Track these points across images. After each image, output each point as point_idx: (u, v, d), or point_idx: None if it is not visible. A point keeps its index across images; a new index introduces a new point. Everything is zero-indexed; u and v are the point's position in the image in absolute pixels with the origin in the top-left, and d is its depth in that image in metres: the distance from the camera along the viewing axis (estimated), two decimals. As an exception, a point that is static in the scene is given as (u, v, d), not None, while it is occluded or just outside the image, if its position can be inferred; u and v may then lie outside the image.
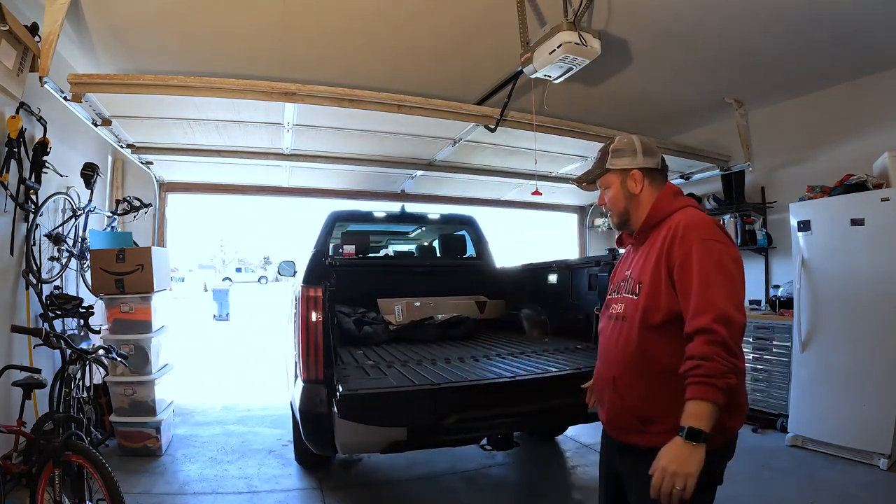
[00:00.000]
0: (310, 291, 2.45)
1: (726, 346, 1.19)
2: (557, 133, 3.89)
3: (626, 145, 1.51)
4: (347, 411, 2.10)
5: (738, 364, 1.21)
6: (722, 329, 1.20)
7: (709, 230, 1.35)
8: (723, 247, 1.33)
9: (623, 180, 1.49)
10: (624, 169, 1.49)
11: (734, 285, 1.31)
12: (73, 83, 2.80)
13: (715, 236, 1.34)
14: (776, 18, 3.13)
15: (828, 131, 4.31)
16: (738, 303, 1.28)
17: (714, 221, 1.41)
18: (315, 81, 3.25)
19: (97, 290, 3.47)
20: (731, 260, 1.33)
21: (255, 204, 69.14)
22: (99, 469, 1.98)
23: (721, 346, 1.19)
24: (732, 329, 1.22)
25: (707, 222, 1.38)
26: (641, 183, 1.48)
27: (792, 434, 3.70)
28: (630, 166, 1.49)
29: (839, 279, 3.51)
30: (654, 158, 1.50)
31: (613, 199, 1.52)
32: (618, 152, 1.51)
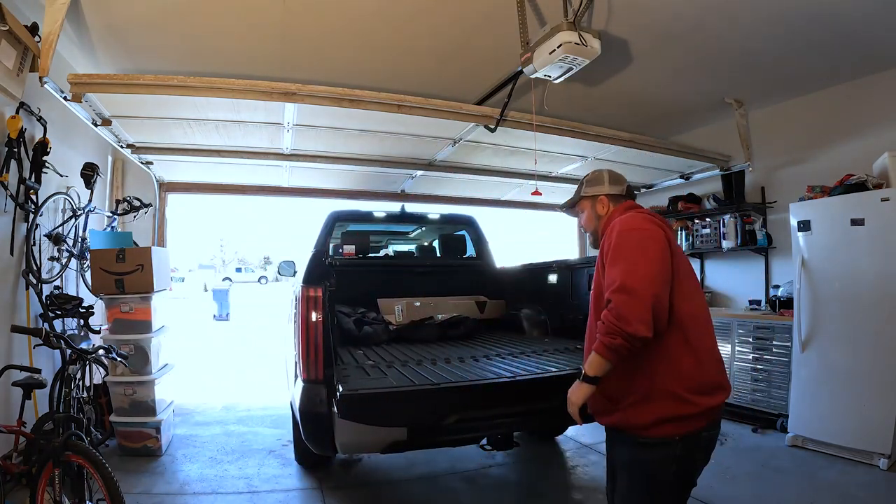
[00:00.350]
0: (310, 291, 2.45)
1: (617, 311, 1.40)
2: (557, 133, 3.89)
3: (596, 177, 1.83)
4: (347, 411, 2.10)
5: (625, 328, 1.37)
6: (617, 297, 1.41)
7: (627, 223, 1.58)
8: (634, 233, 1.53)
9: (593, 204, 1.80)
10: (594, 195, 1.80)
11: (640, 260, 1.45)
12: (73, 83, 2.80)
13: (631, 226, 1.56)
14: (776, 18, 3.13)
15: (828, 131, 4.31)
16: (643, 275, 1.42)
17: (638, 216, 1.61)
18: (315, 81, 3.25)
19: (97, 290, 3.47)
20: (638, 240, 1.50)
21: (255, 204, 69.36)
22: (99, 469, 1.98)
23: (612, 312, 1.41)
24: (630, 296, 1.39)
25: (630, 219, 1.61)
26: (607, 206, 1.77)
27: (792, 434, 3.70)
28: (598, 193, 1.79)
29: (839, 279, 3.51)
30: (619, 186, 1.79)
31: (587, 220, 1.85)
32: (590, 182, 1.83)
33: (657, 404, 1.44)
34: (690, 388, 1.44)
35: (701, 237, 5.22)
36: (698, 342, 1.50)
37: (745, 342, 4.32)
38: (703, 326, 1.55)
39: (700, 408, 1.43)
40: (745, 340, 4.32)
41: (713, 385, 1.49)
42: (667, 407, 1.44)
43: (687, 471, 1.50)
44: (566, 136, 3.95)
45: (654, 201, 6.08)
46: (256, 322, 13.92)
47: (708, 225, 5.16)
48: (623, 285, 1.41)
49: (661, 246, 1.50)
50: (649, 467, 1.48)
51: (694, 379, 1.45)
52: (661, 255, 1.48)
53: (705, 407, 1.44)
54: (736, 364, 4.37)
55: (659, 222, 1.59)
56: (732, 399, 4.38)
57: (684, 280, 1.53)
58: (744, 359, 4.32)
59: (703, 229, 5.19)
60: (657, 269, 1.45)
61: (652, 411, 1.44)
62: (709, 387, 1.48)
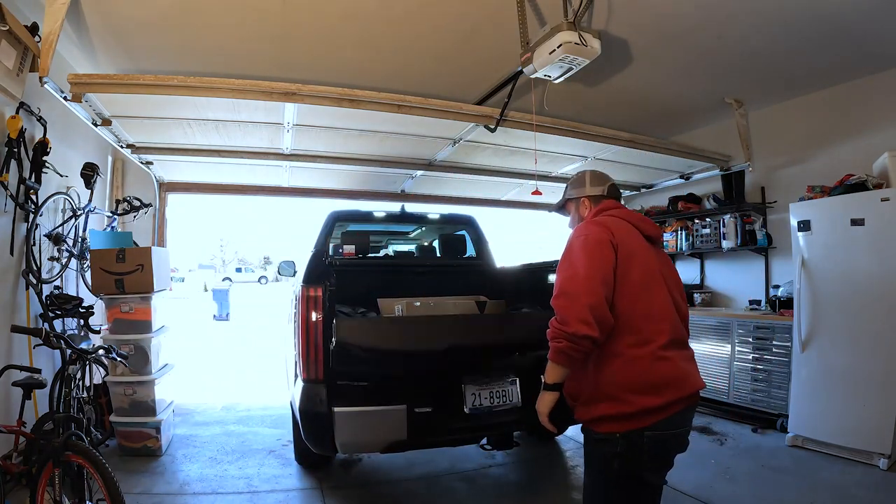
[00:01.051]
0: (310, 291, 2.45)
1: (558, 315, 1.49)
2: (557, 133, 3.89)
3: (579, 179, 1.89)
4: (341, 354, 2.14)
5: (566, 329, 1.44)
6: (556, 303, 1.51)
7: (578, 230, 1.66)
8: (578, 240, 1.59)
9: (577, 206, 1.87)
10: (577, 198, 1.87)
11: (576, 266, 1.52)
12: (73, 83, 2.80)
13: (578, 233, 1.63)
14: (776, 18, 3.13)
15: (828, 131, 4.31)
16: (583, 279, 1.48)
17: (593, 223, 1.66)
18: (315, 81, 3.25)
19: (97, 290, 3.47)
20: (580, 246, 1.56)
21: (255, 204, 69.35)
22: (99, 469, 1.98)
23: (557, 317, 1.49)
24: (568, 300, 1.47)
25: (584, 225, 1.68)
26: (588, 207, 1.83)
27: (792, 434, 3.70)
28: (580, 195, 1.85)
29: (839, 279, 3.51)
30: (600, 187, 1.84)
31: (572, 221, 1.91)
32: (573, 184, 1.90)
33: (600, 404, 1.51)
34: (628, 388, 1.47)
35: (701, 237, 5.22)
36: (649, 342, 1.51)
37: (745, 342, 4.32)
38: (658, 324, 1.54)
39: (635, 407, 1.46)
40: (745, 340, 4.32)
41: (659, 384, 1.48)
42: (606, 406, 1.50)
43: (632, 468, 1.50)
44: (566, 136, 3.95)
45: (654, 201, 6.08)
46: (256, 322, 13.93)
47: (708, 225, 5.16)
48: (562, 290, 1.50)
49: (602, 248, 1.54)
50: (597, 462, 1.58)
51: (635, 379, 1.48)
52: (599, 256, 1.52)
53: (641, 407, 1.46)
54: (736, 364, 4.38)
55: (612, 224, 1.63)
56: (732, 399, 4.39)
57: (637, 279, 1.55)
58: (744, 359, 4.32)
59: (703, 229, 5.19)
60: (594, 271, 1.49)
61: (596, 409, 1.52)
62: (650, 386, 1.47)
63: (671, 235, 5.61)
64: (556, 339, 1.47)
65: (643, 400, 1.46)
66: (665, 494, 3.01)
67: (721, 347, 4.52)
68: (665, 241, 5.70)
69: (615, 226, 1.63)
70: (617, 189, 1.88)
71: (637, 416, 1.46)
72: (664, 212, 5.83)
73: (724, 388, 4.47)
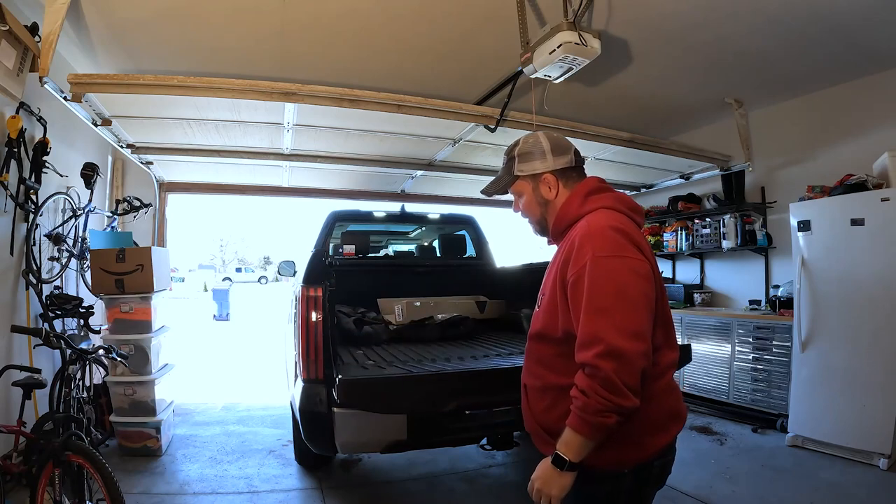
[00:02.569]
0: (310, 291, 2.45)
1: (608, 382, 1.07)
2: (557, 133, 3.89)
3: (532, 146, 1.38)
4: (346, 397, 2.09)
5: (622, 403, 1.08)
6: (606, 364, 1.08)
7: (606, 243, 1.18)
8: (620, 262, 1.16)
9: (535, 186, 1.37)
10: (535, 174, 1.37)
11: (629, 309, 1.12)
12: (73, 83, 2.79)
13: (613, 250, 1.17)
14: (777, 18, 3.13)
15: (828, 131, 4.31)
16: (634, 330, 1.11)
17: (618, 229, 1.21)
18: (315, 81, 3.24)
19: (97, 290, 3.47)
20: (629, 278, 1.15)
21: (255, 204, 69.31)
22: (99, 469, 1.98)
23: (602, 383, 1.08)
24: (621, 363, 1.08)
25: (605, 233, 1.20)
26: (556, 187, 1.36)
27: (792, 434, 3.70)
28: (541, 170, 1.36)
29: (839, 279, 3.51)
30: (565, 156, 1.36)
31: (528, 206, 1.41)
32: (525, 156, 1.38)
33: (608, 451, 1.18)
34: (644, 431, 1.22)
35: (701, 237, 5.22)
36: (665, 373, 1.27)
37: (745, 342, 4.32)
38: (671, 351, 1.30)
39: (652, 450, 1.24)
40: (745, 340, 4.32)
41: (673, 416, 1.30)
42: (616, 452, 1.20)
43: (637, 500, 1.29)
44: (566, 135, 3.94)
45: (654, 201, 6.08)
46: (256, 322, 13.93)
47: (708, 225, 5.16)
48: (611, 348, 1.08)
49: (648, 281, 1.19)
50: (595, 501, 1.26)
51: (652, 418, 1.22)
52: (649, 293, 1.18)
53: (658, 449, 1.24)
54: (736, 364, 4.38)
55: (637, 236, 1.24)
56: (732, 399, 4.39)
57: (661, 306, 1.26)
58: (744, 359, 4.32)
59: (703, 229, 5.19)
60: (645, 317, 1.15)
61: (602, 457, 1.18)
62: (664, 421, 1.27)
63: (671, 235, 5.61)
64: (603, 413, 1.08)
65: (658, 440, 1.24)
66: (665, 494, 3.03)
67: (721, 347, 4.52)
68: (665, 241, 5.71)
69: (637, 233, 1.26)
70: (581, 156, 1.43)
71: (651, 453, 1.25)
72: (664, 212, 5.83)
73: (724, 388, 4.48)
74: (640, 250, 1.20)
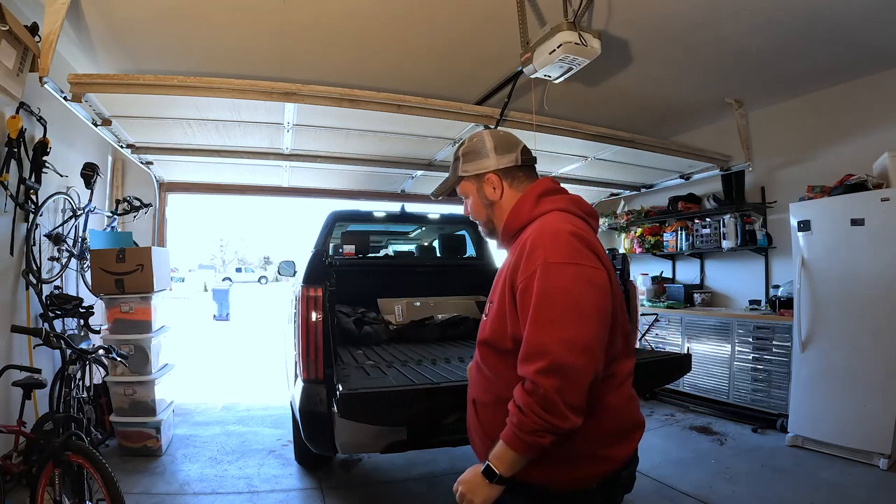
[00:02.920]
0: (310, 291, 2.45)
1: (547, 402, 0.99)
2: (557, 133, 3.89)
3: (475, 145, 1.32)
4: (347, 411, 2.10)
5: (559, 424, 0.99)
6: (546, 382, 0.99)
7: (559, 248, 1.09)
8: (574, 270, 1.06)
9: (479, 187, 1.31)
10: (478, 174, 1.31)
11: (580, 322, 1.03)
12: (73, 83, 2.79)
13: (567, 256, 1.08)
14: (777, 18, 3.13)
15: (828, 131, 4.31)
16: (584, 345, 1.01)
17: (573, 233, 1.12)
18: (315, 81, 3.25)
19: (97, 290, 3.47)
20: (583, 287, 1.06)
21: (255, 204, 69.30)
22: (99, 469, 1.98)
23: (539, 401, 0.99)
24: (566, 380, 0.99)
25: (559, 237, 1.11)
26: (500, 187, 1.29)
27: (792, 434, 3.70)
28: (484, 170, 1.30)
29: (839, 279, 3.51)
30: (510, 155, 1.30)
31: (474, 208, 1.35)
32: (468, 156, 1.33)
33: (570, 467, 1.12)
34: (607, 443, 1.15)
35: (701, 237, 5.22)
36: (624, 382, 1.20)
37: (745, 342, 4.32)
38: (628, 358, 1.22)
39: (616, 464, 1.16)
40: (745, 340, 4.32)
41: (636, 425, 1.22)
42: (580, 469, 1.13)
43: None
44: (566, 135, 3.94)
45: (654, 201, 6.08)
46: (256, 322, 13.93)
47: (708, 225, 5.16)
48: (556, 364, 0.99)
49: (604, 292, 1.09)
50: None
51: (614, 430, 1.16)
52: (604, 305, 1.09)
53: (622, 460, 1.17)
54: (736, 364, 4.38)
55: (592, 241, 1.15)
56: (732, 399, 4.39)
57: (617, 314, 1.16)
58: (744, 359, 4.32)
59: (703, 229, 5.19)
60: (597, 331, 1.05)
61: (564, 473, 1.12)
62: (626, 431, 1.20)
63: (671, 235, 5.61)
64: (538, 432, 1.01)
65: (625, 449, 1.18)
66: (665, 494, 3.03)
67: (721, 347, 4.52)
68: (665, 241, 5.71)
69: (594, 238, 1.17)
70: (530, 151, 1.35)
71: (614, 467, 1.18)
72: (664, 212, 5.83)
73: (724, 388, 4.48)
74: (597, 257, 1.11)
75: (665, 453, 3.64)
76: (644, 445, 4.13)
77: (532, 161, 1.34)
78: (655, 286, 5.62)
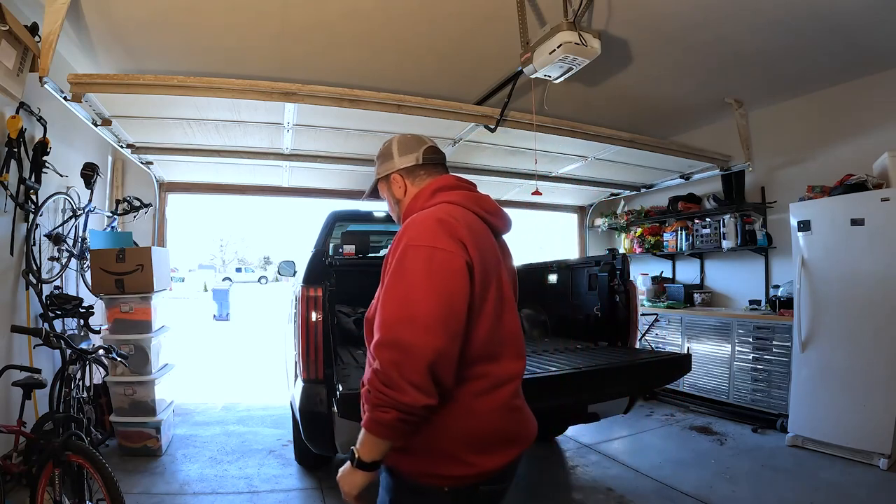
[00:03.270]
0: (310, 291, 2.45)
1: (384, 375, 1.00)
2: (557, 133, 3.89)
3: (385, 150, 1.41)
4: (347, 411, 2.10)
5: (399, 398, 0.99)
6: (383, 355, 1.01)
7: (422, 233, 1.12)
8: (428, 252, 1.08)
9: (388, 186, 1.39)
10: (386, 175, 1.39)
11: (425, 301, 1.03)
12: (73, 83, 2.80)
13: (426, 240, 1.10)
14: (776, 18, 3.13)
15: (828, 131, 4.31)
16: (426, 323, 1.01)
17: (441, 220, 1.14)
18: (315, 81, 3.25)
19: (97, 290, 3.47)
20: (435, 267, 1.07)
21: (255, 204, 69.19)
22: (99, 469, 1.98)
23: (379, 376, 1.01)
24: (404, 355, 1.00)
25: (426, 223, 1.14)
26: (403, 185, 1.36)
27: (792, 434, 3.70)
28: (390, 171, 1.38)
29: (839, 279, 3.51)
30: (412, 155, 1.36)
31: (389, 207, 1.43)
32: (380, 159, 1.42)
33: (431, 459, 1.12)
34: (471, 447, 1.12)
35: (701, 237, 5.22)
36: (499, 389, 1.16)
37: (745, 342, 4.32)
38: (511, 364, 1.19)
39: (477, 469, 1.12)
40: (745, 340, 4.32)
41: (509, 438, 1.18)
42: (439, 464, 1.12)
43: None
44: (566, 136, 3.95)
45: (654, 201, 6.08)
46: (256, 322, 13.93)
47: (708, 225, 5.16)
48: (392, 336, 1.02)
49: (456, 278, 1.08)
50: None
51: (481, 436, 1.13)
52: (450, 290, 1.06)
53: (486, 469, 1.13)
54: (736, 364, 4.38)
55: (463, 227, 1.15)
56: (732, 399, 4.39)
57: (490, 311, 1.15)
58: (744, 359, 4.32)
59: (703, 229, 5.19)
60: (443, 312, 1.04)
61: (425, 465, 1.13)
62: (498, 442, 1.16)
63: (671, 235, 5.61)
64: (381, 407, 1.01)
65: (489, 461, 1.13)
66: (665, 494, 3.03)
67: (721, 347, 4.52)
68: (665, 241, 5.71)
69: (467, 228, 1.16)
70: (439, 152, 1.40)
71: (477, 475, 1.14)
72: (664, 212, 5.83)
73: (724, 388, 4.48)
74: (460, 244, 1.11)
75: (665, 453, 3.64)
76: (644, 445, 4.13)
77: (435, 160, 1.38)
78: (655, 286, 5.62)
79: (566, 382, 2.34)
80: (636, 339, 3.30)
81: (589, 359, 2.74)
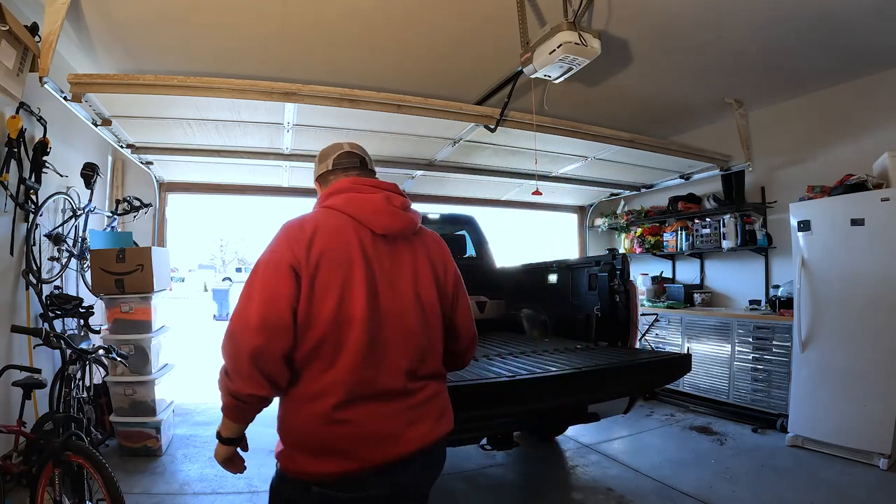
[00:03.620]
0: None
1: (224, 365, 1.14)
2: (557, 133, 3.89)
3: (316, 159, 1.51)
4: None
5: (227, 384, 1.13)
6: (223, 343, 1.14)
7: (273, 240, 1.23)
8: (266, 256, 1.20)
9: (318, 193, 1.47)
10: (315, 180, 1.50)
11: (249, 299, 1.14)
12: (73, 83, 2.80)
13: (270, 245, 1.22)
14: (777, 18, 3.13)
15: (828, 131, 4.31)
16: (245, 318, 1.11)
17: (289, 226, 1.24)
18: (315, 81, 3.25)
19: (97, 290, 3.47)
20: (261, 269, 1.17)
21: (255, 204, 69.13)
22: (99, 469, 1.98)
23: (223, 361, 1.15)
24: (230, 346, 1.12)
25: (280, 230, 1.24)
26: (320, 190, 1.44)
27: (792, 434, 3.70)
28: (314, 180, 1.50)
29: (839, 279, 3.51)
30: (325, 162, 1.46)
31: None
32: (315, 168, 1.52)
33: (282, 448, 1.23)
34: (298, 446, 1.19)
35: (701, 237, 5.22)
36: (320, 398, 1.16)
37: (745, 342, 4.32)
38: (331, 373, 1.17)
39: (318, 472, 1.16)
40: (745, 340, 4.32)
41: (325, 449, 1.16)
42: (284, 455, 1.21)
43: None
44: (566, 136, 3.95)
45: (654, 201, 6.08)
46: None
47: (708, 225, 5.16)
48: (229, 333, 1.13)
49: (280, 275, 1.14)
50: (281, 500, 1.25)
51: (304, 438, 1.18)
52: (273, 288, 1.13)
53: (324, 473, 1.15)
54: (736, 364, 4.38)
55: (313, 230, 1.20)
56: (732, 399, 4.39)
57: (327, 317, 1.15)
58: (744, 359, 4.32)
59: (703, 229, 5.19)
60: (260, 308, 1.11)
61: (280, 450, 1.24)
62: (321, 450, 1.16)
63: (671, 235, 5.62)
64: (221, 392, 1.15)
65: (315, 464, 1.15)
66: (665, 494, 3.03)
67: (721, 347, 4.52)
68: (665, 241, 5.70)
69: (320, 231, 1.20)
70: (355, 156, 1.44)
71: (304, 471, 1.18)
72: (664, 212, 5.83)
73: (724, 388, 4.48)
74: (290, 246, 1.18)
75: (665, 453, 3.64)
76: (644, 445, 4.13)
77: (345, 164, 1.43)
78: (655, 286, 5.63)
79: (566, 382, 2.34)
80: (636, 340, 3.30)
81: (589, 359, 2.74)
